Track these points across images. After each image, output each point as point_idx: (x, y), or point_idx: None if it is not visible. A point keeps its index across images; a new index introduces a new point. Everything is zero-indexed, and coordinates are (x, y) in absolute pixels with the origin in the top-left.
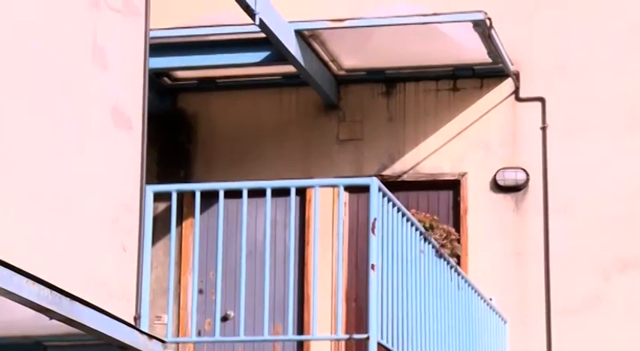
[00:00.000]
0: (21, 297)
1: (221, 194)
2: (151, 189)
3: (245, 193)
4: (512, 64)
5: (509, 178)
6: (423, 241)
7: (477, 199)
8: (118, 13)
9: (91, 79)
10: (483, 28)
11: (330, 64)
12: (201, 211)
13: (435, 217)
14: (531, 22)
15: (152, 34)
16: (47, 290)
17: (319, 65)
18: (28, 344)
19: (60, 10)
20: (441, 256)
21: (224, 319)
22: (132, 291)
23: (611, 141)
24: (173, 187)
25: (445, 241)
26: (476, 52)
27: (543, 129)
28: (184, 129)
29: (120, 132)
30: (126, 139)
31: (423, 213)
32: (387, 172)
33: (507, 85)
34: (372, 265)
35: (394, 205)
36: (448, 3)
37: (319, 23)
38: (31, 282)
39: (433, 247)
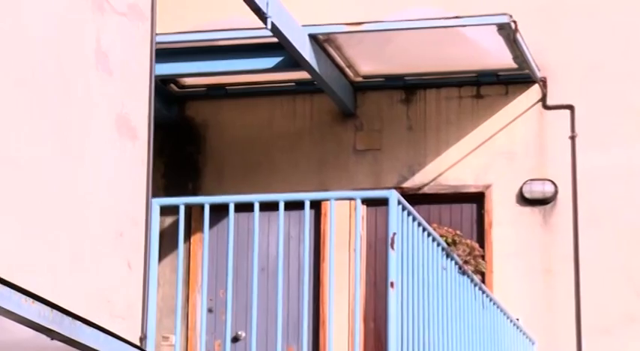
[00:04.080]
0: (20, 316)
1: (231, 208)
2: (158, 202)
3: (257, 207)
4: (539, 70)
5: (536, 190)
6: (445, 257)
7: (502, 212)
8: (123, 16)
9: (95, 86)
10: (508, 32)
11: (347, 70)
12: (211, 225)
13: (458, 232)
14: (559, 25)
15: (159, 38)
16: (48, 309)
17: (335, 71)
18: None
19: (62, 14)
20: (464, 273)
21: (235, 340)
22: (137, 310)
23: None
24: (181, 201)
25: (469, 258)
26: (501, 57)
27: (572, 138)
28: (192, 139)
29: (125, 142)
30: (131, 150)
31: (445, 227)
32: (406, 185)
33: (534, 91)
34: (392, 283)
35: (414, 219)
36: (471, 6)
37: (335, 27)
38: (30, 300)
39: (456, 263)
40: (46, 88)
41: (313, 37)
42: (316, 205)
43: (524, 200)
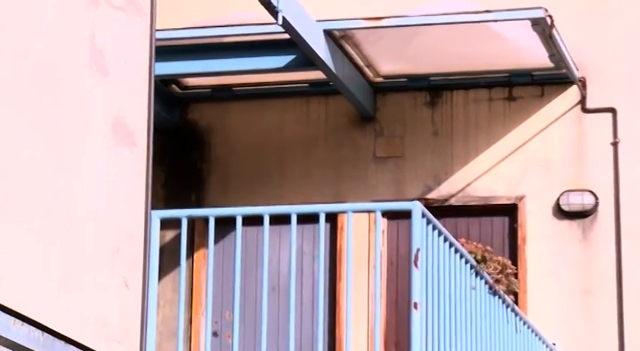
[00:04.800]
0: (8, 340)
1: (239, 221)
2: (158, 215)
3: (267, 220)
4: (577, 69)
5: (574, 202)
6: (474, 275)
7: (537, 226)
8: (120, 11)
9: (89, 87)
10: (543, 27)
11: (366, 69)
12: (216, 240)
13: (489, 248)
14: (600, 20)
15: (159, 35)
16: (38, 332)
17: (353, 71)
18: None
19: (52, 9)
20: (495, 293)
21: None
22: (135, 333)
23: None
24: (183, 213)
25: (500, 276)
26: (535, 56)
27: (614, 144)
28: (196, 145)
29: (122, 149)
30: (129, 157)
31: (474, 243)
32: (431, 195)
33: (572, 93)
34: (415, 304)
35: (440, 233)
36: None
37: (353, 22)
38: (19, 322)
39: (486, 282)
40: (34, 90)
41: (329, 34)
42: (332, 218)
43: (561, 213)
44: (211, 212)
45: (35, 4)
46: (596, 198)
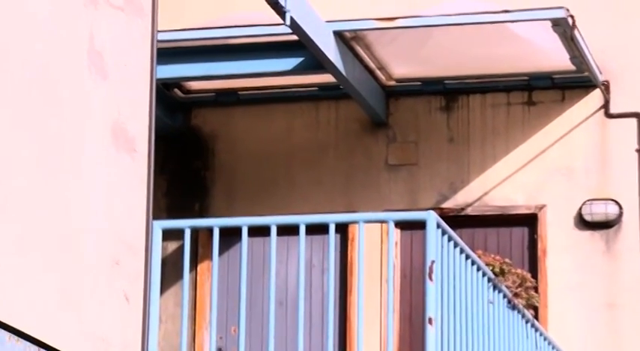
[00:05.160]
0: None
1: (244, 232)
2: (159, 225)
3: (274, 231)
4: (600, 73)
5: (597, 211)
6: (491, 289)
7: (558, 237)
8: (120, 11)
9: (87, 91)
10: (565, 28)
11: (378, 72)
12: (221, 252)
13: (507, 260)
14: (624, 21)
15: (160, 36)
16: (35, 348)
17: (364, 74)
18: None
19: (48, 9)
20: (514, 307)
21: None
22: (136, 349)
23: None
24: (186, 223)
25: (519, 290)
26: (556, 58)
27: (639, 151)
28: (199, 152)
29: (122, 155)
30: (129, 165)
31: (492, 255)
32: (447, 205)
33: (595, 97)
34: (430, 319)
35: (456, 244)
36: None
37: (364, 23)
38: (15, 338)
39: (504, 296)
40: (29, 94)
41: (339, 35)
42: (342, 228)
43: (583, 223)
44: (216, 222)
45: (30, 3)
46: (620, 207)
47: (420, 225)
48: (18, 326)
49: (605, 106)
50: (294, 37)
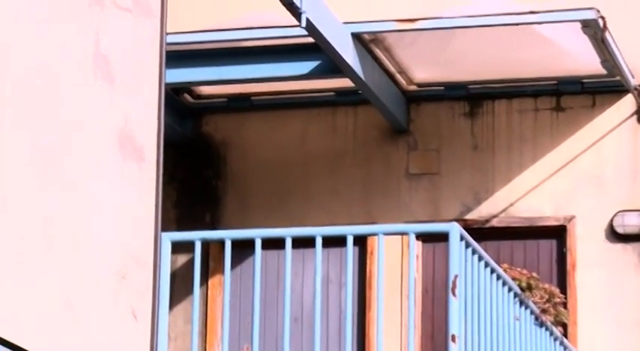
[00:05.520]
0: None
1: (258, 244)
2: (169, 237)
3: (289, 243)
4: (632, 77)
5: (630, 223)
6: (518, 305)
7: (588, 250)
8: (127, 12)
9: (93, 97)
10: (595, 30)
11: (398, 76)
12: (233, 265)
13: (534, 275)
14: None
15: (170, 39)
16: None
17: (383, 78)
18: None
19: (51, 9)
20: (541, 324)
21: None
22: None
23: None
24: (196, 236)
25: (547, 306)
26: (586, 61)
27: None
28: (211, 160)
29: (129, 164)
30: (136, 174)
31: (519, 269)
32: (471, 216)
33: (627, 103)
34: (453, 336)
35: (481, 258)
36: None
37: (384, 24)
38: None
39: (532, 313)
40: (32, 100)
41: (357, 37)
42: (361, 241)
43: (615, 236)
44: (228, 234)
45: (32, 4)
46: None
47: (443, 237)
48: (19, 343)
49: (638, 111)
50: (310, 40)
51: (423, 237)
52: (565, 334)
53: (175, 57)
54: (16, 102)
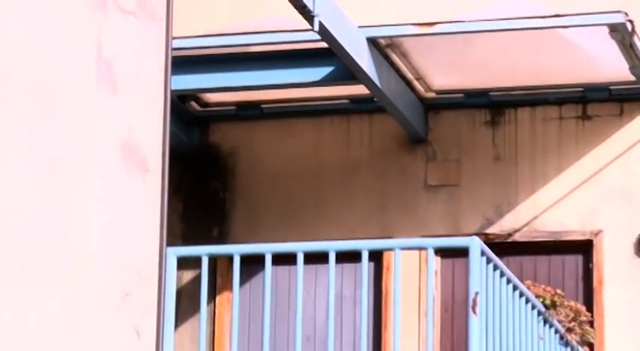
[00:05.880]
0: None
1: (268, 259)
2: (174, 253)
3: (300, 258)
4: None
5: None
6: (542, 323)
7: (616, 266)
8: (131, 16)
9: (94, 105)
10: (623, 34)
11: (416, 83)
12: (242, 282)
13: (559, 292)
14: None
15: (176, 43)
16: None
17: (400, 85)
18: None
19: (52, 14)
20: (567, 344)
21: None
22: None
23: None
24: (203, 250)
25: (573, 324)
26: (613, 67)
27: None
28: (219, 171)
29: (132, 176)
30: (140, 186)
31: (543, 286)
32: (492, 230)
33: None
34: None
35: (502, 274)
36: (575, 1)
37: (401, 28)
38: None
39: (556, 331)
40: (30, 109)
41: (373, 42)
42: (376, 256)
43: None
44: (236, 249)
45: (31, 8)
46: None
47: (463, 252)
48: None
49: None
50: (324, 44)
51: (442, 252)
52: None
53: (181, 62)
54: (15, 110)
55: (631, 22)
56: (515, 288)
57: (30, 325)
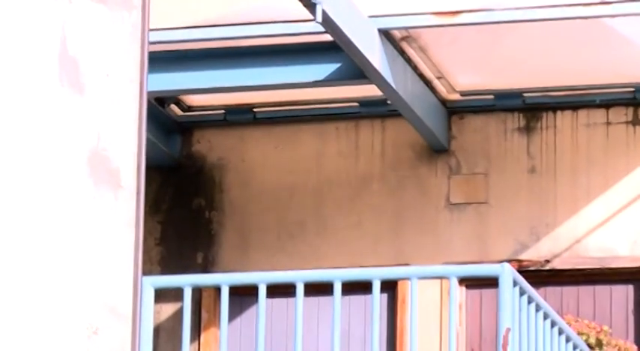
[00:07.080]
0: None
1: (262, 290)
2: (151, 283)
3: (300, 289)
4: None
5: None
6: None
7: None
8: (102, 4)
9: (57, 108)
10: None
11: (436, 82)
12: (231, 316)
13: (606, 328)
14: None
15: (153, 36)
16: None
17: (418, 84)
18: None
19: (9, 3)
20: None
21: None
22: None
23: None
24: (186, 280)
25: None
26: None
27: None
28: (204, 186)
29: (102, 192)
30: (111, 204)
31: (587, 321)
32: (526, 256)
33: None
34: None
35: (538, 308)
36: None
37: (418, 18)
38: None
39: None
40: None
41: (386, 34)
42: (391, 286)
43: None
44: (224, 279)
45: None
46: None
47: (492, 282)
48: None
49: None
50: (328, 37)
51: (468, 282)
52: None
53: (160, 59)
54: None
55: None
56: (553, 324)
57: None
